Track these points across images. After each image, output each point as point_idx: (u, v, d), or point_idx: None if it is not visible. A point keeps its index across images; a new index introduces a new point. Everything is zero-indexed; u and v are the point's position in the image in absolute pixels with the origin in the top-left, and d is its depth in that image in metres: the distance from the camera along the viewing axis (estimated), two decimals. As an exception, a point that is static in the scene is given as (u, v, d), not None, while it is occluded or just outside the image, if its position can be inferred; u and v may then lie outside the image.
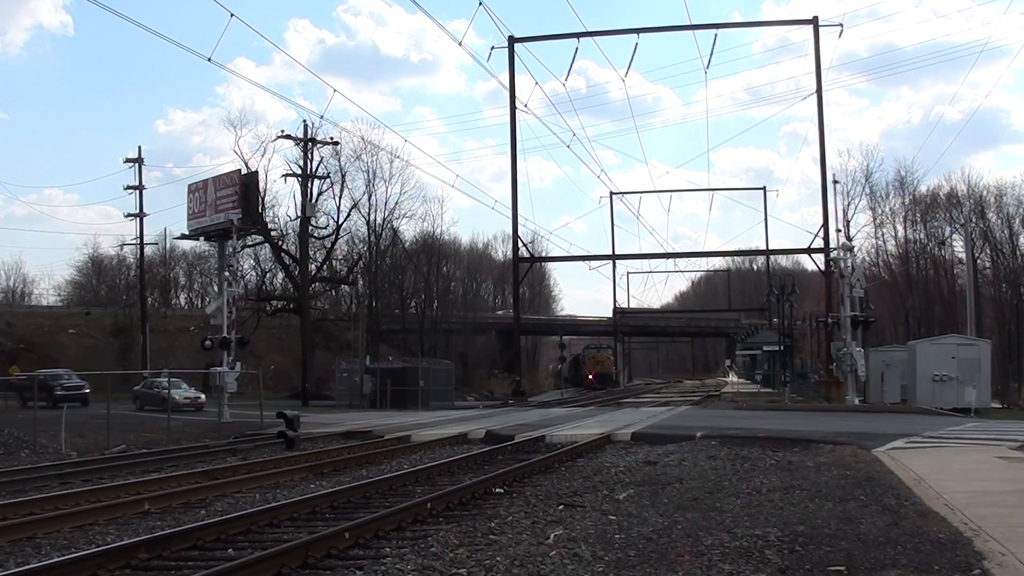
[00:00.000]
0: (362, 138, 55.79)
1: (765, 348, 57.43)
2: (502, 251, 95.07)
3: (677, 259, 77.99)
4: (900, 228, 65.42)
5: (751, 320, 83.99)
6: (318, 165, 49.93)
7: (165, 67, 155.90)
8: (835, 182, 44.60)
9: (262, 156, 52.84)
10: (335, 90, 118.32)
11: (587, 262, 63.93)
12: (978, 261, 55.60)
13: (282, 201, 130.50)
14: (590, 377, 74.09)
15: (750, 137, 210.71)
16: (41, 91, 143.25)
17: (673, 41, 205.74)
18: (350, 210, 56.07)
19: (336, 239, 56.18)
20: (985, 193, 61.40)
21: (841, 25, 52.70)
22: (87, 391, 37.70)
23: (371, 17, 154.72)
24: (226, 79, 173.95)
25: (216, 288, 34.05)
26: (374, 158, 56.61)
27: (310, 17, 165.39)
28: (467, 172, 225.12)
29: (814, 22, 47.23)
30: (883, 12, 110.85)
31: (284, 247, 54.50)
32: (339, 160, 53.87)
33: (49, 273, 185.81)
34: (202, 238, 32.34)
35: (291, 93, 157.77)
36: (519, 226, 51.82)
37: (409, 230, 65.52)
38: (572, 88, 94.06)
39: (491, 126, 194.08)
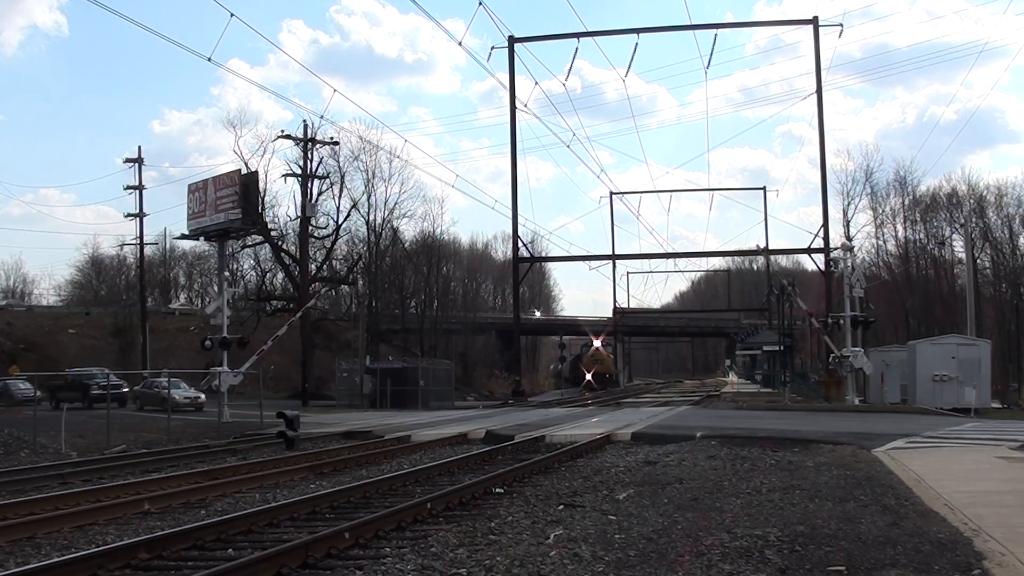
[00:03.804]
0: (360, 138, 55.84)
1: (765, 348, 57.43)
2: (502, 251, 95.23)
3: (677, 259, 78.04)
4: (900, 228, 65.48)
5: (751, 320, 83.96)
6: (318, 165, 49.96)
7: (160, 67, 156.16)
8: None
9: (261, 156, 52.87)
10: (335, 90, 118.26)
11: (587, 262, 64.01)
12: (978, 261, 55.57)
13: (282, 201, 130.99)
14: (588, 377, 74.01)
15: (745, 137, 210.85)
16: (37, 91, 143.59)
17: (669, 41, 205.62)
18: (350, 210, 56.12)
19: (336, 239, 56.19)
20: (985, 193, 61.43)
21: (841, 25, 53.01)
22: (125, 390, 37.23)
23: (365, 17, 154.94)
24: (221, 80, 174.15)
25: (216, 288, 34.03)
26: (373, 158, 56.69)
27: (304, 18, 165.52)
28: (463, 172, 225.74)
29: (814, 22, 47.26)
30: (877, 13, 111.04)
31: (284, 247, 54.49)
32: (338, 160, 53.93)
33: (49, 273, 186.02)
34: (202, 238, 32.35)
35: (286, 94, 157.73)
36: (519, 226, 51.90)
37: (409, 230, 65.63)
38: (568, 88, 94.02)
39: (487, 126, 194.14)
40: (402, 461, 16.52)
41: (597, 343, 75.68)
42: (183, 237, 33.12)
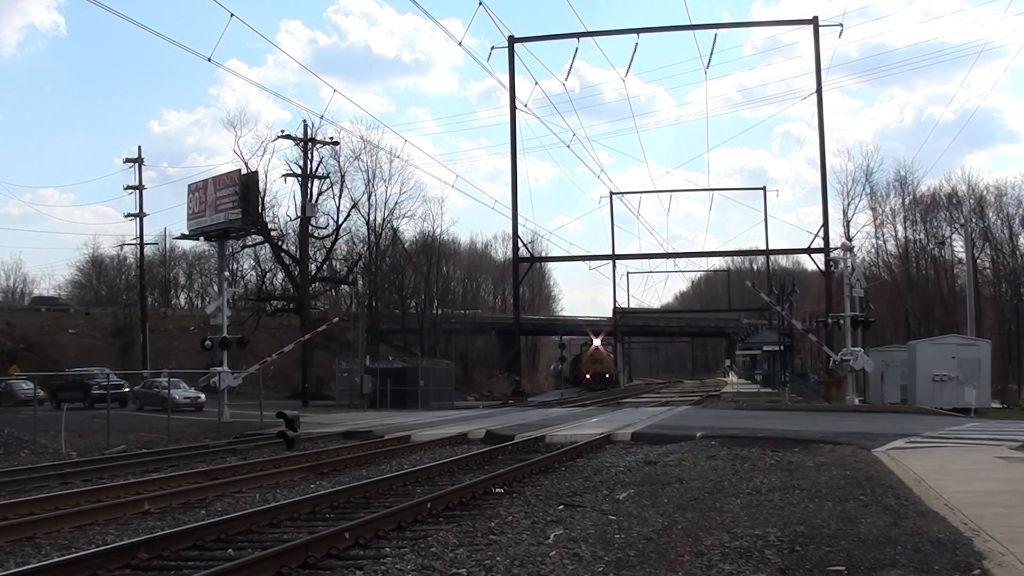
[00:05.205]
0: (361, 138, 55.87)
1: (765, 348, 57.43)
2: (502, 251, 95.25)
3: (677, 259, 78.09)
4: (900, 228, 65.54)
5: (751, 320, 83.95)
6: (318, 165, 49.96)
7: (159, 67, 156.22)
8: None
9: (261, 156, 52.88)
10: (335, 90, 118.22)
11: (587, 262, 63.99)
12: (978, 261, 55.59)
13: (282, 201, 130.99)
14: (588, 377, 74.02)
15: (744, 138, 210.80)
16: (35, 91, 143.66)
17: (669, 41, 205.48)
18: (350, 210, 56.19)
19: (336, 239, 56.23)
20: (985, 193, 61.52)
21: (841, 25, 52.94)
22: (126, 390, 37.31)
23: (363, 17, 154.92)
24: (219, 80, 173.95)
25: (216, 288, 34.03)
26: (373, 158, 56.72)
27: (302, 18, 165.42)
28: (462, 172, 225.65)
29: (814, 22, 47.25)
30: (875, 13, 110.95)
31: (284, 247, 54.49)
32: (338, 160, 53.96)
33: (49, 273, 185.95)
34: (202, 238, 32.33)
35: (285, 94, 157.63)
36: (519, 226, 51.88)
37: (409, 230, 65.68)
38: (567, 88, 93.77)
39: (486, 126, 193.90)
40: (402, 461, 16.51)
41: (597, 343, 75.68)
42: (183, 237, 33.09)
